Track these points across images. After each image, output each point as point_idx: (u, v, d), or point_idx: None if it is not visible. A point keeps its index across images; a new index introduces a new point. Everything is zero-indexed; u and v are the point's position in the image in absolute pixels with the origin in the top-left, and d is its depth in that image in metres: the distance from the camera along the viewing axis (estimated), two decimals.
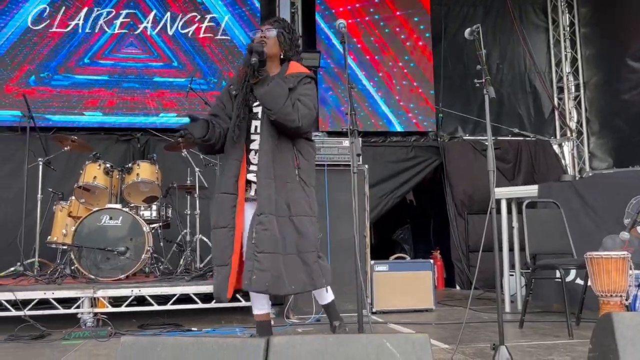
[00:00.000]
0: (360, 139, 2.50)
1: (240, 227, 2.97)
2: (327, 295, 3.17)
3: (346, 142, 4.71)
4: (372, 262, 4.77)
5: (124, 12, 6.73)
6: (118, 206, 4.76)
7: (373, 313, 4.63)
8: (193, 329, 4.04)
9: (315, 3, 7.22)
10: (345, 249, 4.51)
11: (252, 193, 3.03)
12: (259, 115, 3.06)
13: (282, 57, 3.14)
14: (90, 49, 6.59)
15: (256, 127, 3.07)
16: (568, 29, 7.98)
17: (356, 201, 2.23)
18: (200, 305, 4.24)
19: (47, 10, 6.55)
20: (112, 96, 6.56)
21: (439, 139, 7.36)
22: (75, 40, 6.58)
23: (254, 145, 3.06)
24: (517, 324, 3.95)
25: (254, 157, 3.06)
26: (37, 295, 4.01)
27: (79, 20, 6.61)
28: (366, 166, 4.75)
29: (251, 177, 3.05)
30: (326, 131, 5.63)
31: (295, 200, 2.98)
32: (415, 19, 7.45)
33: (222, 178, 3.08)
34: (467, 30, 2.59)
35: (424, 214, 8.20)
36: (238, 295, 4.32)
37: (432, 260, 5.10)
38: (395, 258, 5.14)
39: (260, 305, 3.14)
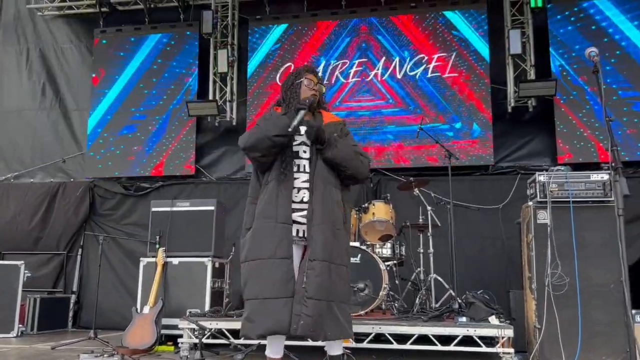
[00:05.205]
0: (624, 178, 2.23)
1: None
2: (339, 347, 3.07)
3: (594, 176, 4.28)
4: (634, 311, 4.18)
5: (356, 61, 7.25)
6: (356, 244, 5.00)
7: None
8: None
9: (548, 30, 6.83)
10: (597, 296, 4.06)
11: (294, 233, 2.94)
12: (302, 155, 3.02)
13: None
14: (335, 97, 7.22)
15: (298, 165, 3.01)
16: None
17: (623, 246, 1.98)
18: (439, 348, 4.18)
19: (292, 68, 7.38)
20: None
21: None
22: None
23: (297, 184, 2.99)
24: None
25: (296, 195, 2.97)
26: None
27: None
28: None
29: (296, 216, 2.96)
30: (569, 164, 5.17)
31: (343, 248, 2.99)
32: None
33: (273, 208, 2.92)
34: None
35: None
36: (477, 339, 4.17)
37: None
38: None
39: (277, 349, 2.99)
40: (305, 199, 2.96)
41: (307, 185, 2.98)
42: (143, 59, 7.84)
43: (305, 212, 2.94)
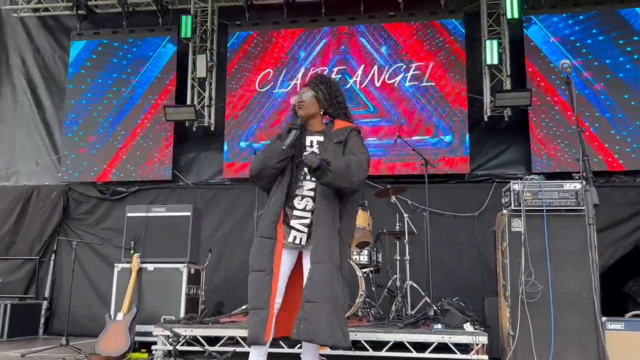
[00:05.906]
0: (594, 188, 2.27)
1: (278, 272, 2.96)
2: (316, 355, 3.13)
3: (568, 185, 4.35)
4: (604, 318, 4.25)
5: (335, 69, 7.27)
6: None
7: None
8: None
9: (524, 40, 6.94)
10: (570, 304, 4.11)
11: (291, 239, 3.03)
12: None
13: (322, 113, 3.17)
14: None
15: (305, 174, 3.06)
16: None
17: (594, 255, 2.02)
18: (415, 354, 4.19)
19: (272, 74, 7.39)
20: None
21: None
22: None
23: (301, 192, 3.06)
24: None
25: (299, 203, 3.05)
26: None
27: (296, 80, 7.31)
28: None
29: (295, 223, 3.04)
30: (543, 173, 5.25)
31: (338, 253, 2.97)
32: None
33: (262, 222, 3.07)
34: None
35: None
36: (452, 346, 4.19)
37: None
38: (634, 315, 4.50)
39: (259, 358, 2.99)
40: (309, 207, 3.04)
41: (312, 194, 3.05)
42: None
43: (306, 220, 3.02)
